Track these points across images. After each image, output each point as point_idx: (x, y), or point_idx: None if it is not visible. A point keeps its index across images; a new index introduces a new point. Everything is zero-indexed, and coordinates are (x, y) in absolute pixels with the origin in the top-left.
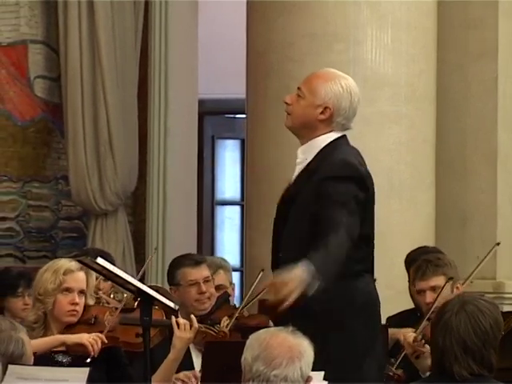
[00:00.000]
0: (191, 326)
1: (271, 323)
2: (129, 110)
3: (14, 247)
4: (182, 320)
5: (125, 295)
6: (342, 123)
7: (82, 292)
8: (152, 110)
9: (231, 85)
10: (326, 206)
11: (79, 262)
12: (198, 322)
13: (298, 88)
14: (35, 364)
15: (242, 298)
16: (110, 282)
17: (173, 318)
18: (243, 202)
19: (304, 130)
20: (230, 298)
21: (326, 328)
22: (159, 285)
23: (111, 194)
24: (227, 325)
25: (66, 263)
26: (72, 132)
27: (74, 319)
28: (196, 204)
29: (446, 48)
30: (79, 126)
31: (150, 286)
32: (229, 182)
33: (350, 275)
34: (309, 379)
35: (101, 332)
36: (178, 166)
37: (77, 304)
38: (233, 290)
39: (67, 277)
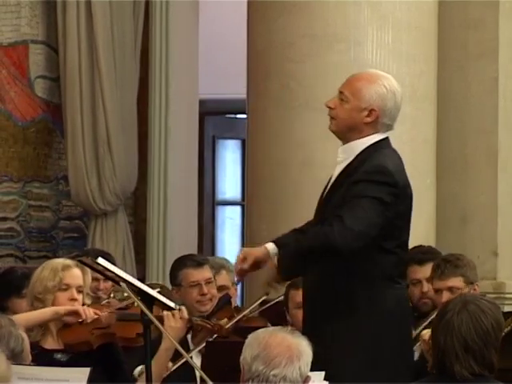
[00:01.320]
0: (181, 316)
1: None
2: (128, 111)
3: (14, 247)
4: (176, 312)
5: (125, 294)
6: (387, 124)
7: (79, 289)
8: (153, 110)
9: (232, 85)
10: (348, 201)
11: (80, 261)
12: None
13: (340, 92)
14: (34, 362)
15: (242, 298)
16: (110, 283)
17: (165, 311)
18: (244, 203)
19: (349, 133)
20: (232, 299)
21: (353, 330)
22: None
23: (110, 195)
24: (228, 326)
25: (62, 261)
26: (71, 132)
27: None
28: (197, 204)
29: (446, 48)
30: (78, 126)
31: (152, 284)
32: (229, 182)
33: (384, 279)
34: (307, 379)
35: (99, 328)
36: (179, 166)
37: (76, 300)
38: (235, 290)
39: (66, 273)
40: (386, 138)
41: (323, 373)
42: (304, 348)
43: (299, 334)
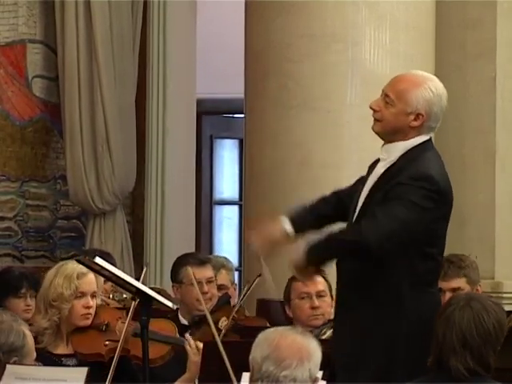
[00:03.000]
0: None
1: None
2: (126, 110)
3: (12, 247)
4: (193, 343)
5: (124, 296)
6: (432, 126)
7: (93, 294)
8: (150, 110)
9: (229, 84)
10: (387, 202)
11: (78, 261)
12: (198, 321)
13: (386, 94)
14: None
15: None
16: (110, 284)
17: (186, 344)
18: (241, 202)
19: (395, 136)
20: (231, 298)
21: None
22: (159, 286)
23: (109, 194)
24: (225, 326)
25: (75, 267)
26: (69, 132)
27: (88, 322)
28: (194, 204)
29: (444, 48)
30: (77, 125)
31: (151, 288)
32: (227, 181)
33: (421, 284)
34: (316, 380)
35: (112, 341)
36: (177, 165)
37: (90, 307)
38: (234, 289)
39: (81, 281)
40: (429, 140)
41: (321, 372)
42: (314, 349)
43: (309, 335)
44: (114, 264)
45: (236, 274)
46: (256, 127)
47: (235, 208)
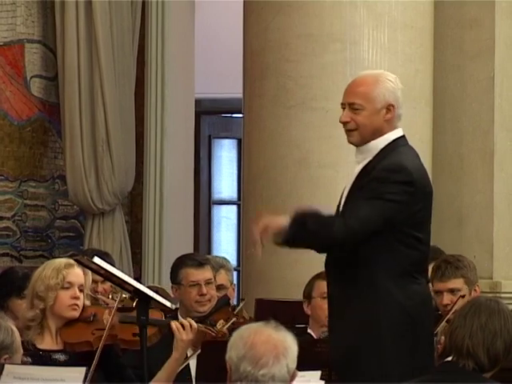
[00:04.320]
0: (191, 326)
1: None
2: (126, 110)
3: (10, 247)
4: (182, 321)
5: (123, 295)
6: (400, 113)
7: (81, 288)
8: (149, 110)
9: (228, 84)
10: (361, 199)
11: (76, 261)
12: (197, 322)
13: (350, 103)
14: (30, 362)
15: (238, 298)
16: (109, 284)
17: (172, 322)
18: (240, 202)
19: (373, 137)
20: (230, 299)
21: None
22: (158, 285)
23: (108, 194)
24: (222, 327)
25: (63, 260)
26: (69, 132)
27: (76, 314)
28: (193, 203)
29: (442, 48)
30: (76, 125)
31: (149, 287)
32: (225, 181)
33: (406, 275)
34: (294, 374)
35: (100, 329)
36: (175, 165)
37: (78, 298)
38: (233, 290)
39: (69, 271)
40: (403, 136)
41: (319, 372)
42: (290, 344)
43: (283, 328)
44: (112, 264)
45: (235, 274)
46: (254, 127)
47: (234, 208)
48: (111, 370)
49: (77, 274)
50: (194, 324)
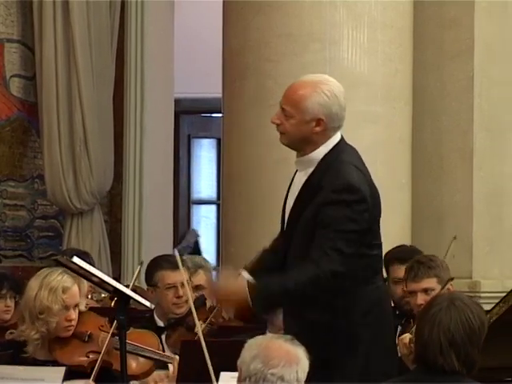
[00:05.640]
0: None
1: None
2: (105, 110)
3: None
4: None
5: (103, 295)
6: (336, 126)
7: (76, 305)
8: (128, 110)
9: (207, 84)
10: (323, 233)
11: (56, 261)
12: (174, 324)
13: (282, 108)
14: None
15: None
16: (88, 284)
17: (173, 359)
18: (219, 201)
19: (302, 145)
20: (208, 299)
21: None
22: (137, 284)
23: (86, 194)
24: (202, 327)
25: (59, 279)
26: (47, 131)
27: (70, 333)
28: (172, 203)
29: (422, 48)
30: (54, 125)
31: (127, 286)
32: (205, 181)
33: (357, 281)
34: None
35: (94, 352)
36: (154, 165)
37: (72, 319)
38: None
39: (67, 295)
40: (341, 140)
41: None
42: (302, 356)
43: (298, 343)
44: (91, 264)
45: (214, 273)
46: (234, 127)
47: (213, 207)
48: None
49: (73, 295)
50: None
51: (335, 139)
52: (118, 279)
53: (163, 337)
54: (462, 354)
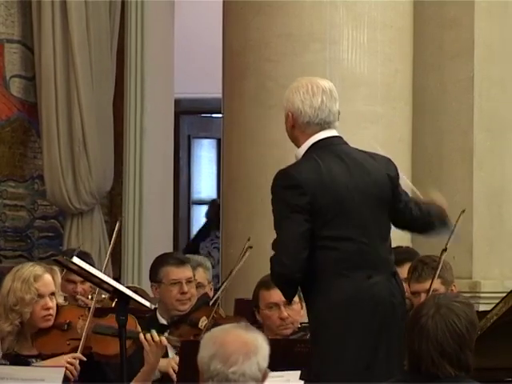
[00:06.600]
0: (160, 341)
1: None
2: (104, 110)
3: None
4: (149, 336)
5: (103, 296)
6: (314, 122)
7: (52, 294)
8: (128, 110)
9: (207, 84)
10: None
11: (55, 261)
12: (177, 321)
13: None
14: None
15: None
16: (88, 284)
17: (141, 335)
18: (219, 202)
19: (293, 142)
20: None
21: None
22: (137, 285)
23: (86, 194)
24: (205, 325)
25: (31, 270)
26: (47, 132)
27: (49, 323)
28: (172, 203)
29: (422, 48)
30: (53, 125)
31: (128, 287)
32: (205, 181)
33: (330, 276)
34: (266, 373)
35: (74, 339)
36: (154, 165)
37: (50, 308)
38: (211, 289)
39: (39, 283)
40: (329, 138)
41: (299, 372)
42: (260, 342)
43: (254, 328)
44: (92, 264)
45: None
46: (234, 127)
47: None
48: (92, 374)
49: (47, 283)
50: (165, 341)
51: (318, 136)
52: (118, 280)
53: (166, 334)
54: (454, 361)
